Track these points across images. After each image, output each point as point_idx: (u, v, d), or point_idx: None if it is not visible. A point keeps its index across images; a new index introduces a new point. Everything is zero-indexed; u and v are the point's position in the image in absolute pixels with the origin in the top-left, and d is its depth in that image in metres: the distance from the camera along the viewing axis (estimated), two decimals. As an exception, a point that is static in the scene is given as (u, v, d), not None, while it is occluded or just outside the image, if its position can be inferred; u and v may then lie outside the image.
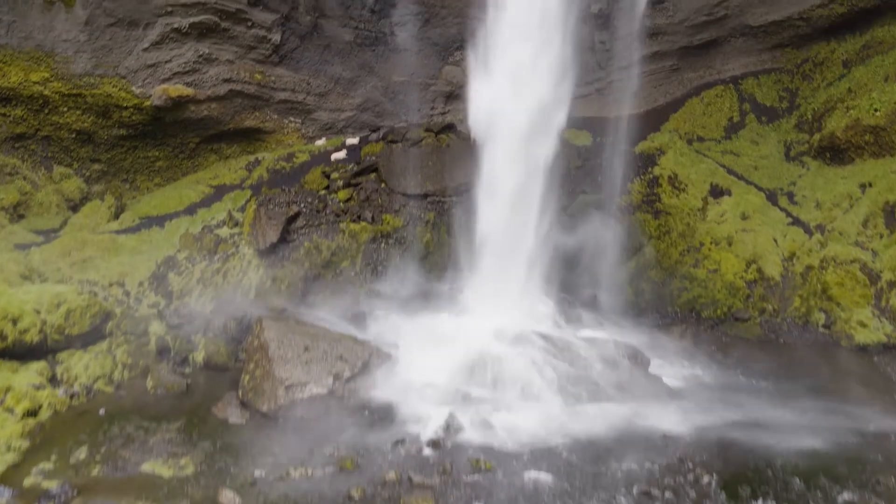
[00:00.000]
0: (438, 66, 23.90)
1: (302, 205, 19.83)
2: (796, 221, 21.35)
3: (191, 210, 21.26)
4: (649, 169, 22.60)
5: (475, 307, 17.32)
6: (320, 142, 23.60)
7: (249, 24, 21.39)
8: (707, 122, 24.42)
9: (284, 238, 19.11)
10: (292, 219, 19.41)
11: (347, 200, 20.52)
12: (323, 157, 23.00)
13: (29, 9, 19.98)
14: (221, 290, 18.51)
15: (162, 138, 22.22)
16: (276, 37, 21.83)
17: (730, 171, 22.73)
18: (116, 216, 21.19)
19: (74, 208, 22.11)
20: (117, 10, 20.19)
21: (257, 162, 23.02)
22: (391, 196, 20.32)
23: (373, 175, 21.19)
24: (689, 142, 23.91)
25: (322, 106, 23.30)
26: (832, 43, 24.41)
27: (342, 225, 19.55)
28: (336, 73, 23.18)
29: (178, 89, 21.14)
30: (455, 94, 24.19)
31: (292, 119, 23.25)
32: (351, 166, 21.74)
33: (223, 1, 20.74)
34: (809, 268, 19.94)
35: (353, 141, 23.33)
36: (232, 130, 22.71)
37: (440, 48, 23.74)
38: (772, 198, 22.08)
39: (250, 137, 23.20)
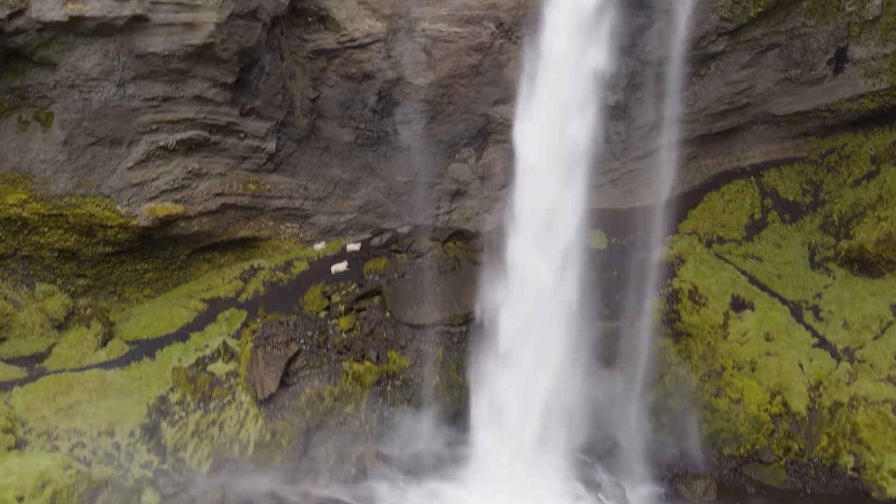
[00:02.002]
0: (444, 164, 22.47)
1: (301, 341, 18.63)
2: (823, 342, 20.25)
3: (183, 335, 19.95)
4: (668, 281, 21.39)
5: (487, 474, 16.32)
6: (319, 246, 22.27)
7: (242, 135, 19.89)
8: (727, 220, 23.13)
9: (284, 381, 17.96)
10: (292, 359, 18.25)
11: (350, 330, 19.30)
12: (322, 264, 21.67)
13: (3, 131, 18.47)
14: (218, 445, 17.38)
15: (151, 252, 20.89)
16: (270, 145, 20.35)
17: (752, 280, 21.58)
18: (104, 343, 19.87)
19: (60, 327, 20.82)
20: (98, 130, 18.68)
21: (253, 271, 21.67)
22: (397, 328, 19.12)
23: (376, 299, 19.94)
24: (709, 244, 22.67)
25: (321, 210, 21.91)
26: (860, 135, 23.07)
27: (345, 365, 18.38)
28: (335, 176, 21.75)
29: (166, 208, 19.75)
30: (461, 192, 22.82)
31: (289, 224, 21.89)
32: (353, 287, 20.43)
33: (213, 115, 19.22)
34: (838, 404, 18.94)
35: (353, 247, 22.01)
36: (225, 241, 21.36)
37: (446, 145, 22.29)
38: (796, 312, 20.96)
39: (245, 245, 21.86)
